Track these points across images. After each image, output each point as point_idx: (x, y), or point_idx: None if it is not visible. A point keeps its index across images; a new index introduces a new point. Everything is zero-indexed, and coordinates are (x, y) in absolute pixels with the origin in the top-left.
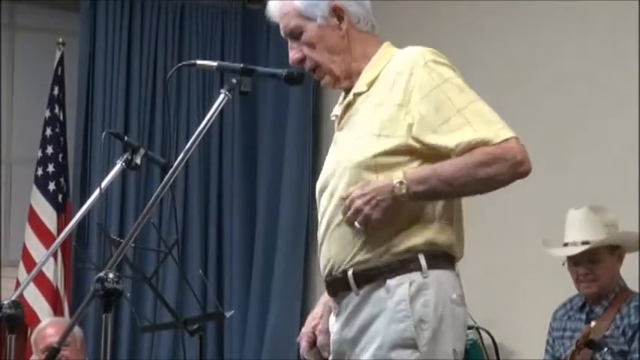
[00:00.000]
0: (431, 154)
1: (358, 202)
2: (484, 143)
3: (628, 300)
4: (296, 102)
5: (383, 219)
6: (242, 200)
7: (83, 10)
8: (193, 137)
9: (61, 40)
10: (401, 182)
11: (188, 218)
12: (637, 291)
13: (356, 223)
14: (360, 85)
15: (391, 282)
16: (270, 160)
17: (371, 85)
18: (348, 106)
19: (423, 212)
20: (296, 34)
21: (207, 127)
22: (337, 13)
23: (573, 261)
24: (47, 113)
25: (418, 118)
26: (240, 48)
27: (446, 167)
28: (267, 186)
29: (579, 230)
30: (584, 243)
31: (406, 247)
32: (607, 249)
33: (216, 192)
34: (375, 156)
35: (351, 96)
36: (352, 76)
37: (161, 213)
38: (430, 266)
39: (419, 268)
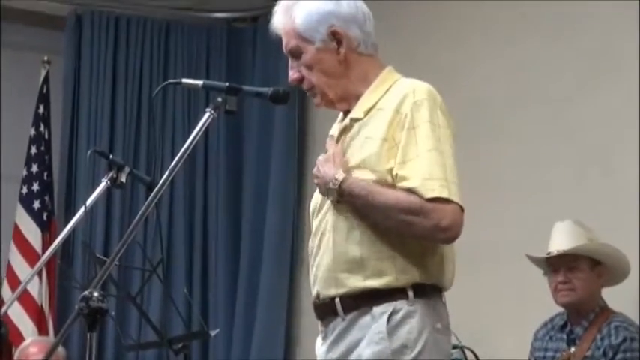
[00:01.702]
0: None
1: (313, 170)
2: (418, 193)
3: (608, 320)
4: (281, 120)
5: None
6: (227, 219)
7: (68, 28)
8: (178, 156)
9: (46, 58)
10: (334, 185)
11: (173, 237)
12: (618, 311)
13: None
14: (357, 112)
15: (377, 309)
16: (255, 178)
17: (368, 112)
18: (344, 130)
19: (414, 244)
20: (296, 55)
21: (192, 145)
22: (336, 37)
23: (552, 268)
24: (32, 131)
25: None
26: (226, 66)
27: (379, 196)
28: (252, 204)
29: (561, 240)
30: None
31: (395, 278)
32: (587, 262)
33: (201, 210)
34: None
35: (348, 121)
36: (350, 98)
37: (146, 231)
38: (417, 295)
39: (405, 297)
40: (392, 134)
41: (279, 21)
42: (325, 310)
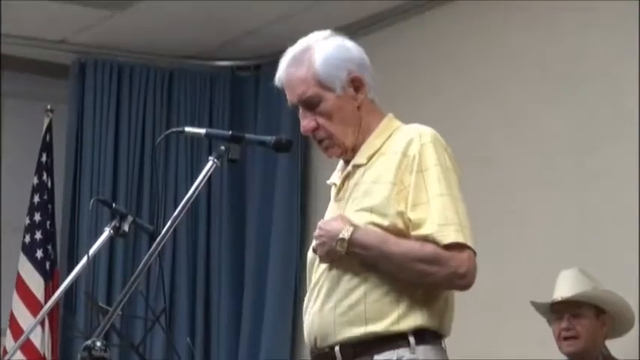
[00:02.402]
0: None
1: (315, 233)
2: (434, 240)
3: None
4: (284, 168)
5: (326, 258)
6: (230, 267)
7: (71, 76)
8: (181, 204)
9: (49, 107)
10: (343, 239)
11: (176, 286)
12: (621, 359)
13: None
14: (360, 158)
15: (378, 357)
16: (257, 227)
17: (370, 158)
18: (347, 177)
19: (415, 292)
20: (312, 103)
21: (195, 194)
22: (355, 84)
23: (556, 315)
24: (35, 180)
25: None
26: (229, 115)
27: (393, 246)
28: (255, 253)
29: (567, 287)
30: None
31: (396, 327)
32: (592, 310)
33: (204, 259)
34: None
35: (350, 167)
36: (358, 146)
37: (149, 280)
38: (418, 342)
39: (407, 345)
40: (400, 178)
41: (290, 70)
42: (325, 359)
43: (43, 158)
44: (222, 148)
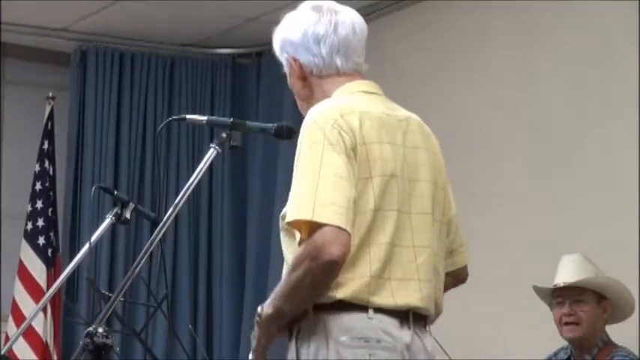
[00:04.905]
0: None
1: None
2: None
3: (611, 355)
4: (285, 155)
5: (259, 347)
6: (232, 254)
7: (73, 64)
8: (183, 191)
9: (50, 94)
10: (257, 313)
11: (177, 272)
12: (621, 345)
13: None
14: None
15: (291, 332)
16: (259, 213)
17: None
18: None
19: None
20: None
21: (196, 181)
22: (290, 64)
23: (558, 300)
24: (37, 167)
25: None
26: (230, 102)
27: (279, 284)
28: (257, 240)
29: (569, 272)
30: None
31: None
32: (594, 296)
33: (206, 246)
34: (283, 219)
35: None
36: None
37: (150, 267)
38: (318, 311)
39: (306, 316)
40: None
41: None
42: None
43: (45, 146)
44: (224, 135)
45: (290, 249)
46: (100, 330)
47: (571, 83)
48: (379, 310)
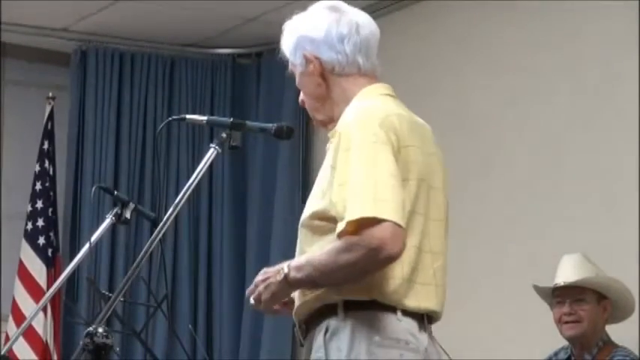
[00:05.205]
0: None
1: (258, 279)
2: (343, 219)
3: (611, 354)
4: (285, 155)
5: (269, 300)
6: (231, 254)
7: (73, 64)
8: (183, 191)
9: (50, 94)
10: (281, 269)
11: (178, 272)
12: (621, 345)
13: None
14: (331, 134)
15: (316, 330)
16: (259, 213)
17: (334, 135)
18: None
19: None
20: (294, 79)
21: (196, 181)
22: (307, 61)
23: (558, 300)
24: (37, 167)
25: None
26: (230, 102)
27: (317, 254)
28: (257, 240)
29: (570, 272)
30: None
31: (325, 295)
32: (594, 295)
33: (206, 246)
34: (311, 218)
35: (329, 144)
36: (337, 120)
37: (150, 267)
38: (349, 311)
39: (336, 314)
40: (336, 159)
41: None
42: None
43: (45, 146)
44: (224, 135)
45: (312, 246)
46: (100, 330)
47: (571, 83)
48: (405, 312)
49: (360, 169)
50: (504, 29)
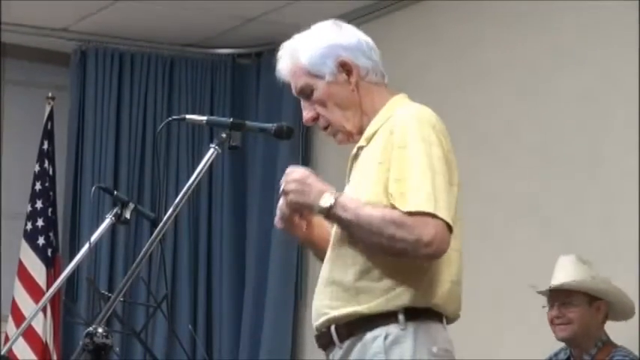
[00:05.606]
0: None
1: (293, 178)
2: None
3: (611, 354)
4: (285, 155)
5: (295, 207)
6: (231, 255)
7: (73, 64)
8: (183, 192)
9: (50, 94)
10: (330, 198)
11: (177, 273)
12: (620, 345)
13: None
14: (362, 140)
15: (369, 335)
16: (259, 213)
17: (370, 139)
18: (353, 160)
19: (403, 268)
20: (307, 93)
21: (196, 181)
22: (345, 68)
23: (550, 302)
24: (37, 167)
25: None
26: (230, 102)
27: (367, 209)
28: (257, 239)
29: (560, 274)
30: None
31: (384, 302)
32: (584, 297)
33: (206, 246)
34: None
35: (355, 150)
36: (364, 130)
37: (150, 267)
38: (409, 319)
39: (396, 321)
40: (387, 156)
41: (286, 64)
42: (325, 339)
43: (45, 146)
44: (223, 135)
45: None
46: (100, 330)
47: (571, 83)
48: (447, 319)
49: (419, 168)
50: (504, 29)
